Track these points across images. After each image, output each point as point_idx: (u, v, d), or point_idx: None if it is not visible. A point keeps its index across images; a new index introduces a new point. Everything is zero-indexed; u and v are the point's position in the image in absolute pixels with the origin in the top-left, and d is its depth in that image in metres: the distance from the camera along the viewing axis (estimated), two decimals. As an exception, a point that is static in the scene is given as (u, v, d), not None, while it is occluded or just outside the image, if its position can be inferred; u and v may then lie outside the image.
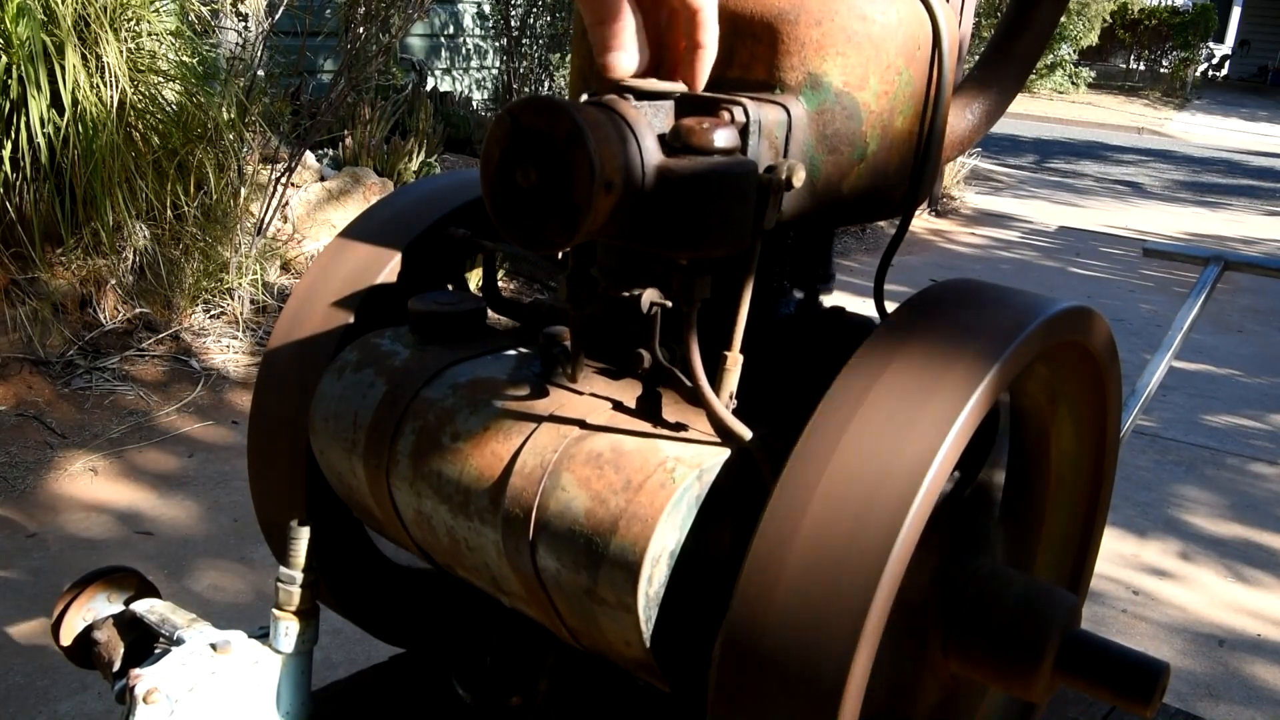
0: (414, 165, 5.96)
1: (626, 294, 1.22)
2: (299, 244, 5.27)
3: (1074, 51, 20.08)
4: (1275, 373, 5.83)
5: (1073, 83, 20.72)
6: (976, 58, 2.54)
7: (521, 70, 8.31)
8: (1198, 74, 23.23)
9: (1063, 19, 10.80)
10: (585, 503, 1.16)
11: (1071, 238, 8.91)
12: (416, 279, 1.60)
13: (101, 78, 4.09)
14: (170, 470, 3.66)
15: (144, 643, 1.43)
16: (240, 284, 4.62)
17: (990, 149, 12.53)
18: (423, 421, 1.33)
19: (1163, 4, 23.19)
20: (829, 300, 1.51)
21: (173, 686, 1.30)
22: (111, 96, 4.09)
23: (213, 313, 4.58)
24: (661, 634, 1.18)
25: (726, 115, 1.16)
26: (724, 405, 1.19)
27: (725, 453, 1.18)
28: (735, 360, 1.22)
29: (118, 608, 1.49)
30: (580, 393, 1.30)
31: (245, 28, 5.27)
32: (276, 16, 5.23)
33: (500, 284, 1.62)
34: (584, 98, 1.15)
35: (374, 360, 1.42)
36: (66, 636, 1.48)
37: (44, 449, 3.66)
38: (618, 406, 1.26)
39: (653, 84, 1.19)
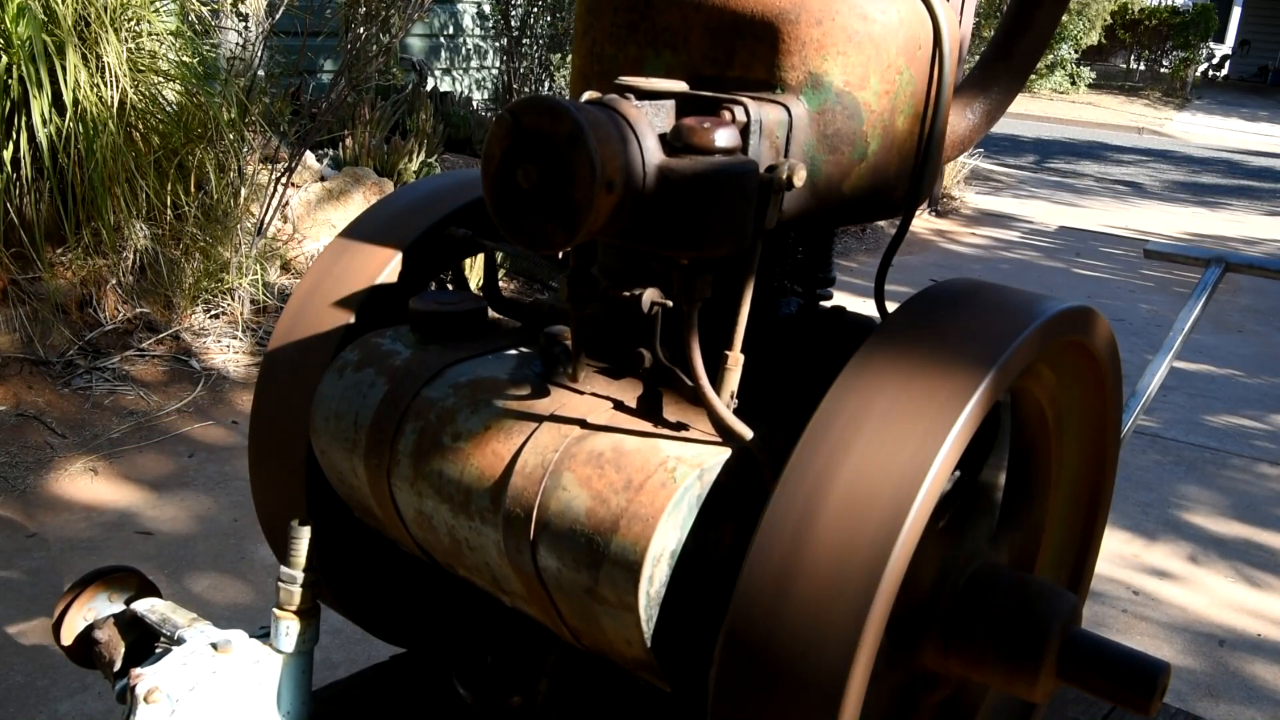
0: (414, 165, 5.96)
1: (627, 294, 1.22)
2: (299, 244, 5.27)
3: (1074, 51, 20.07)
4: (1275, 373, 5.82)
5: (1073, 83, 20.71)
6: (977, 58, 2.54)
7: (521, 70, 8.32)
8: (1198, 74, 23.21)
9: (1063, 19, 10.79)
10: (586, 502, 1.16)
11: (1072, 238, 8.91)
12: (417, 279, 1.60)
13: (102, 78, 4.09)
14: (170, 470, 3.66)
15: (145, 642, 1.43)
16: (240, 284, 4.62)
17: (990, 149, 12.52)
18: (424, 421, 1.33)
19: (1163, 4, 23.17)
20: (829, 300, 1.51)
21: (174, 686, 1.30)
22: (112, 96, 4.09)
23: (213, 313, 4.58)
24: (662, 634, 1.18)
25: (727, 115, 1.16)
26: (725, 405, 1.19)
27: (726, 452, 1.18)
28: (736, 360, 1.22)
29: (118, 607, 1.49)
30: (581, 392, 1.30)
31: (245, 28, 5.27)
32: (276, 16, 5.23)
33: (501, 284, 1.62)
34: (585, 97, 1.15)
35: (375, 360, 1.42)
36: (67, 636, 1.48)
37: (44, 449, 3.65)
38: (619, 406, 1.26)
39: (654, 83, 1.19)
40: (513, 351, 1.42)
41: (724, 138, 1.11)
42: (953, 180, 9.66)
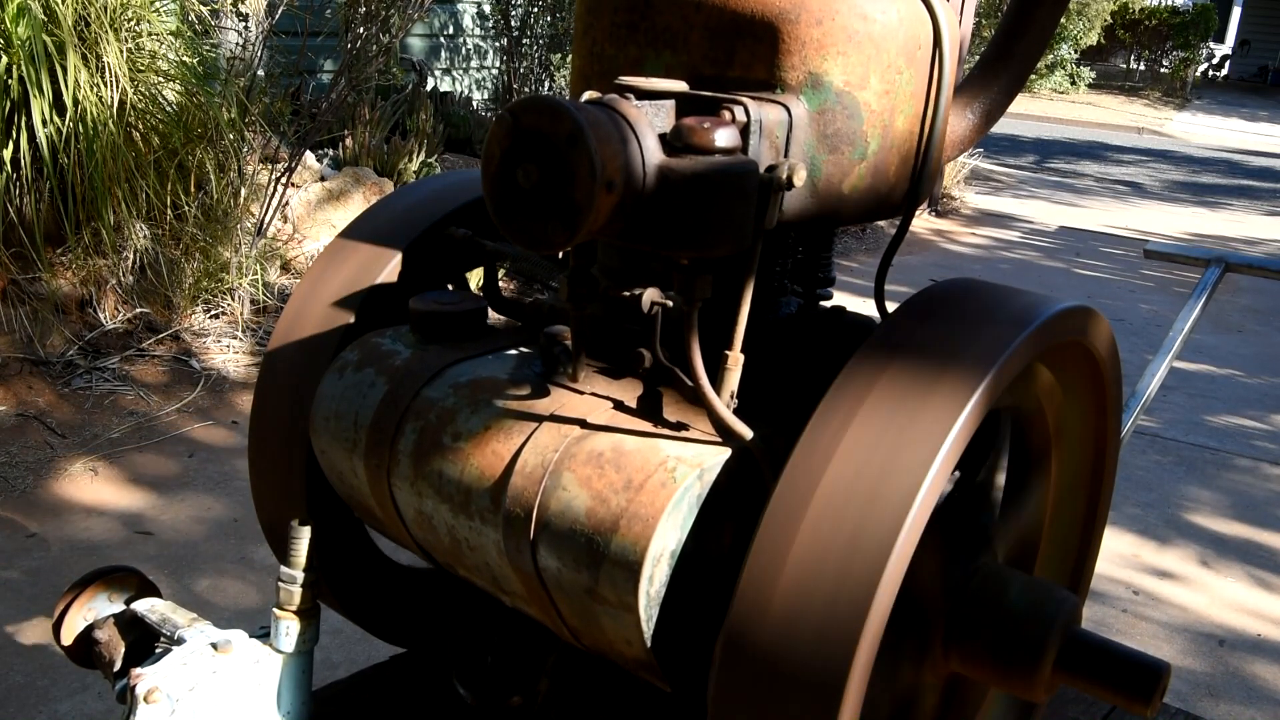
0: (414, 165, 5.96)
1: (627, 294, 1.23)
2: (299, 244, 5.27)
3: (1074, 51, 20.07)
4: (1275, 373, 5.82)
5: (1073, 83, 20.71)
6: (977, 58, 2.54)
7: (521, 70, 8.31)
8: (1198, 74, 23.20)
9: (1063, 19, 10.78)
10: (586, 502, 1.16)
11: (1072, 238, 8.91)
12: (417, 279, 1.60)
13: (102, 78, 4.09)
14: (170, 471, 3.66)
15: (145, 642, 1.43)
16: (240, 284, 4.62)
17: (990, 149, 12.51)
18: (424, 421, 1.33)
19: (1163, 4, 23.17)
20: (829, 300, 1.51)
21: (174, 686, 1.30)
22: (112, 97, 4.09)
23: (213, 313, 4.58)
24: (662, 633, 1.18)
25: (727, 115, 1.16)
26: (725, 405, 1.19)
27: (726, 452, 1.18)
28: (736, 360, 1.22)
29: (118, 607, 1.49)
30: (581, 392, 1.30)
31: (245, 28, 5.27)
32: (276, 16, 5.23)
33: (501, 284, 1.62)
34: (585, 97, 1.15)
35: (375, 360, 1.42)
36: (67, 636, 1.48)
37: (44, 449, 3.65)
38: (619, 406, 1.26)
39: (654, 83, 1.19)
40: (513, 351, 1.42)
41: (724, 138, 1.11)
42: (953, 180, 9.66)
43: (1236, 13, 26.77)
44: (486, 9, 8.70)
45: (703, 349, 1.18)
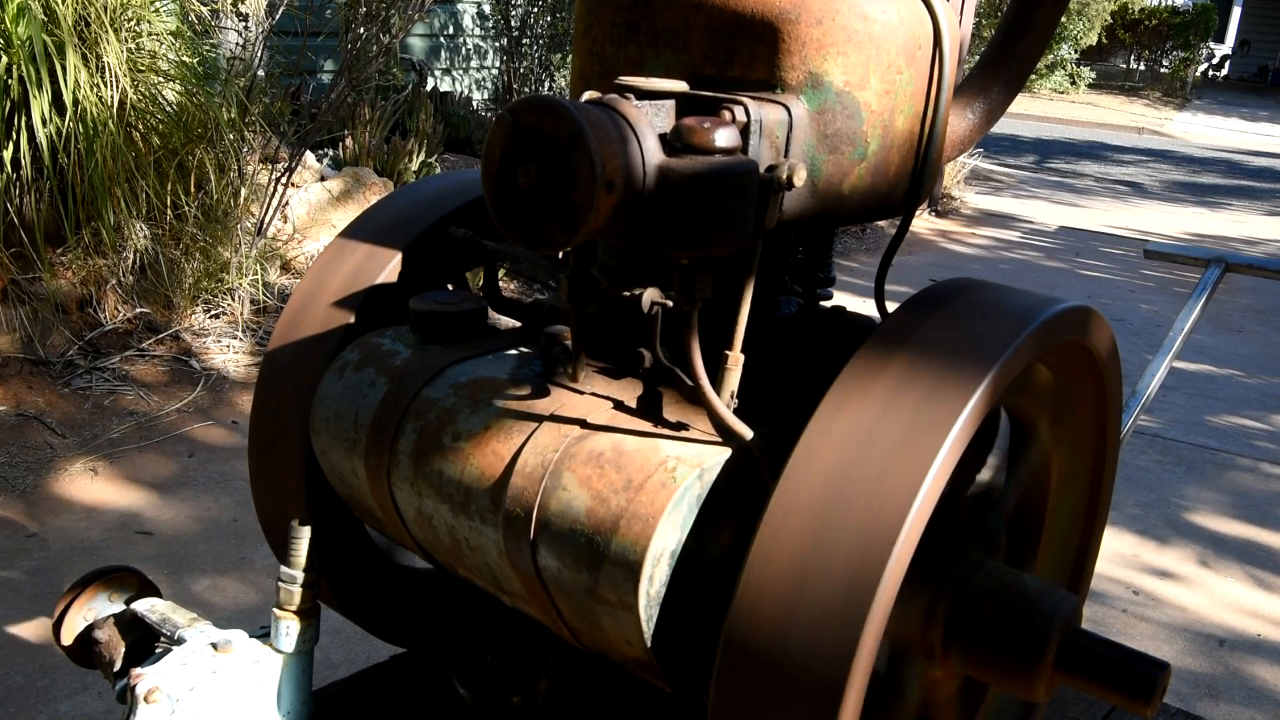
0: (414, 165, 5.96)
1: (627, 293, 1.23)
2: (299, 244, 5.27)
3: (1074, 51, 20.08)
4: (1275, 373, 5.82)
5: (1073, 83, 20.73)
6: (977, 58, 2.54)
7: (521, 70, 8.32)
8: (1198, 74, 23.21)
9: (1063, 19, 10.79)
10: (586, 502, 1.16)
11: (1072, 238, 8.91)
12: (417, 279, 1.60)
13: (102, 78, 4.09)
14: (170, 470, 3.66)
15: (145, 642, 1.43)
16: (240, 284, 4.62)
17: (990, 149, 12.51)
18: (424, 421, 1.33)
19: (1163, 4, 23.20)
20: (829, 300, 1.51)
21: (174, 686, 1.30)
22: (112, 96, 4.09)
23: (213, 313, 4.58)
24: (662, 633, 1.18)
25: (727, 115, 1.17)
26: (725, 405, 1.19)
27: (726, 452, 1.18)
28: (736, 360, 1.22)
29: (119, 607, 1.49)
30: (581, 392, 1.30)
31: (245, 28, 5.27)
32: (276, 16, 5.23)
33: (501, 284, 1.62)
34: (585, 97, 1.15)
35: (375, 360, 1.42)
36: (67, 636, 1.48)
37: (44, 449, 3.66)
38: (619, 406, 1.26)
39: (654, 83, 1.19)
40: (513, 351, 1.42)
41: (724, 138, 1.11)
42: (953, 180, 9.66)
43: (1236, 13, 26.77)
44: (486, 9, 8.70)
45: (703, 349, 1.18)
